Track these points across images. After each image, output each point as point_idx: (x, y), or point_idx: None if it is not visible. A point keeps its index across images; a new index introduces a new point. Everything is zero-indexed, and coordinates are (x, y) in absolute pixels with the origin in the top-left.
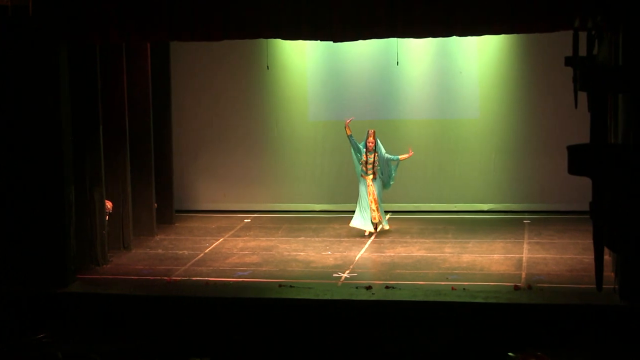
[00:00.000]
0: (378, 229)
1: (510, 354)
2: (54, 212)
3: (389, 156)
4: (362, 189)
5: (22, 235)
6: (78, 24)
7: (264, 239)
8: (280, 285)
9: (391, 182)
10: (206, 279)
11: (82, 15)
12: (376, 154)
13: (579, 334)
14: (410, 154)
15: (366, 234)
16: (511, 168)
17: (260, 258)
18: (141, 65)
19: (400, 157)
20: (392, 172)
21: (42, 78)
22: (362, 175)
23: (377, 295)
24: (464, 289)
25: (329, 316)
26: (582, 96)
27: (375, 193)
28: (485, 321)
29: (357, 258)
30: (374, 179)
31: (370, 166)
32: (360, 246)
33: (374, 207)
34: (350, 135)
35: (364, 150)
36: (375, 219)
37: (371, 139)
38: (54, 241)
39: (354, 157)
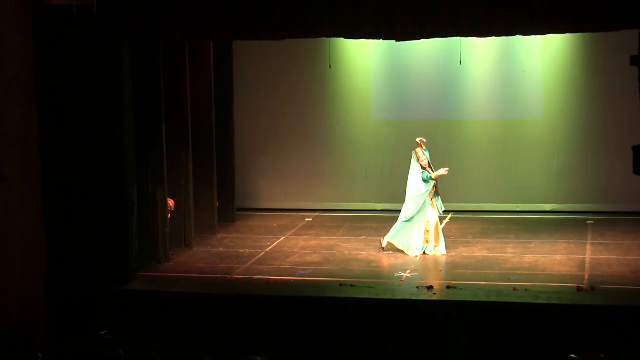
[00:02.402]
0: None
1: (572, 355)
2: (117, 210)
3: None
4: (426, 207)
5: (85, 233)
6: (143, 23)
7: (325, 238)
8: (341, 285)
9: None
10: (267, 277)
11: (147, 15)
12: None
13: None
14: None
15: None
16: (574, 168)
17: (321, 257)
18: (204, 65)
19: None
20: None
21: (105, 77)
22: (429, 195)
23: (438, 295)
24: (526, 289)
25: (390, 316)
26: None
27: (436, 214)
28: (548, 322)
29: (418, 258)
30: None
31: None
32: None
33: (428, 228)
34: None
35: (424, 169)
36: (427, 242)
37: (422, 155)
38: (116, 239)
39: (422, 175)
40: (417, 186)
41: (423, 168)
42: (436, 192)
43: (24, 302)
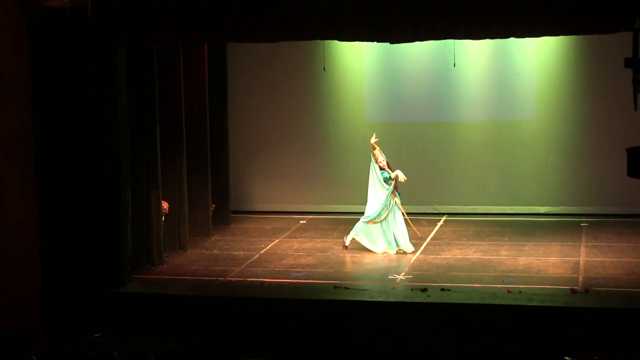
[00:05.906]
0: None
1: (566, 358)
2: (111, 212)
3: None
4: (394, 207)
5: (80, 236)
6: (138, 25)
7: (319, 240)
8: (335, 287)
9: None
10: (261, 279)
11: (142, 17)
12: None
13: (637, 338)
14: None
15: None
16: (569, 170)
17: (315, 259)
18: (198, 67)
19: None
20: None
21: (100, 79)
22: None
23: (433, 298)
24: (520, 292)
25: (384, 318)
26: None
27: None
28: (542, 325)
29: (412, 260)
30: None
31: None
32: (416, 248)
33: (399, 226)
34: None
35: (382, 170)
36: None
37: (380, 157)
38: (111, 241)
39: (383, 176)
40: (378, 187)
41: (382, 168)
42: (397, 191)
43: (20, 303)
